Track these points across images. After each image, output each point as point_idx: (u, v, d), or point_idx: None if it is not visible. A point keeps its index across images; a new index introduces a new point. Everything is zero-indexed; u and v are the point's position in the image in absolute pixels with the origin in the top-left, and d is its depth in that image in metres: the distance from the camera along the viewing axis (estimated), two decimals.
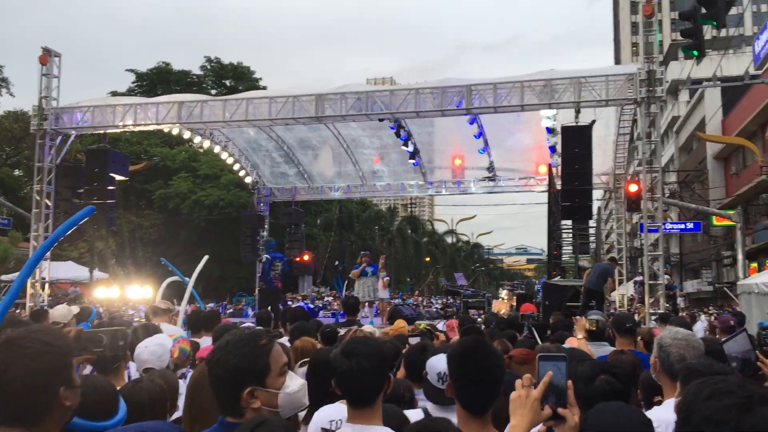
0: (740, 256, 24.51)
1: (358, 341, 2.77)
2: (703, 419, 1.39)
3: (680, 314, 17.69)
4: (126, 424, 2.51)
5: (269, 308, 14.06)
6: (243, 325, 6.72)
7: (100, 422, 2.40)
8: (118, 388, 2.95)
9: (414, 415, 2.82)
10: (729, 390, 1.41)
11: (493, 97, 15.02)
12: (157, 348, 3.94)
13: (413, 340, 5.07)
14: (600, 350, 5.58)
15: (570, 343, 5.76)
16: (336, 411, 3.19)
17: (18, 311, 18.55)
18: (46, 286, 17.95)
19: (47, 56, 17.59)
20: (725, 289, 32.85)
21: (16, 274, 28.27)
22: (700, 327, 14.94)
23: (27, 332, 2.00)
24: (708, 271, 41.50)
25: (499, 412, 2.51)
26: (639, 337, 6.25)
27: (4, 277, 29.60)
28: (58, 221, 17.61)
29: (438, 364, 3.05)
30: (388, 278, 16.84)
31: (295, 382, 2.24)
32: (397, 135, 18.61)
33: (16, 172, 46.94)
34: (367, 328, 5.85)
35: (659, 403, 3.39)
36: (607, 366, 2.88)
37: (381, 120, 17.07)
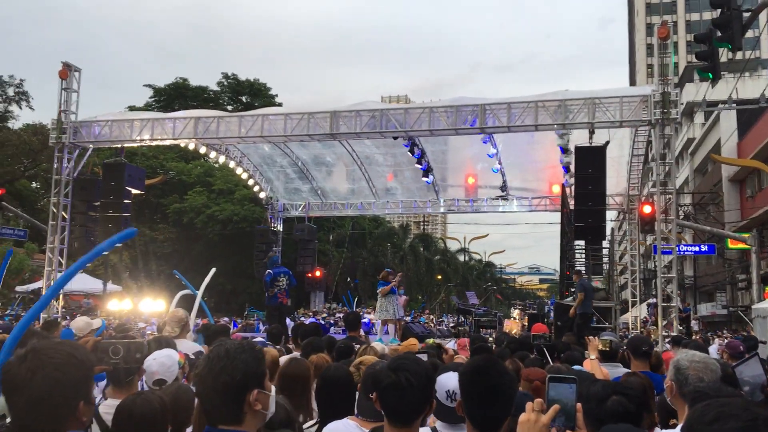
0: (755, 280, 24.27)
1: (407, 358, 2.77)
2: None
3: (693, 337, 17.51)
4: None
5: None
6: (255, 341, 6.75)
7: None
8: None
9: None
10: (733, 413, 1.41)
11: (507, 117, 15.05)
12: (166, 360, 3.95)
13: (422, 357, 5.07)
14: (614, 371, 5.55)
15: (585, 365, 5.73)
16: (344, 427, 3.20)
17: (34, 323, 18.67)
18: (60, 297, 18.08)
19: (67, 71, 17.84)
20: (740, 312, 32.53)
21: (32, 285, 28.59)
22: (714, 350, 14.79)
23: (53, 344, 2.04)
24: (722, 295, 41.08)
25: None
26: None
27: (19, 288, 29.85)
28: (74, 234, 17.78)
29: (447, 381, 3.05)
30: (406, 297, 16.52)
31: (270, 386, 2.32)
32: (411, 153, 18.68)
33: (34, 185, 47.45)
34: (377, 345, 5.86)
35: (675, 426, 3.35)
36: (620, 387, 2.88)
37: (395, 138, 17.14)
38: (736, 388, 3.71)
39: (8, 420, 1.95)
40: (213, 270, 13.14)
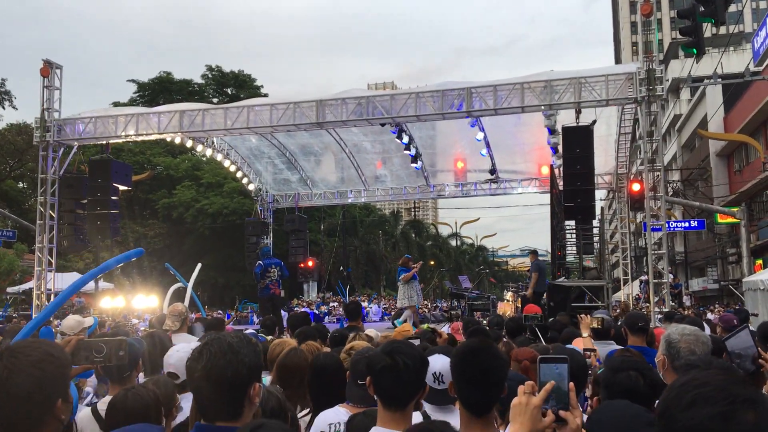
0: (745, 253, 24.45)
1: (400, 342, 2.75)
2: (685, 429, 1.34)
3: (684, 313, 17.61)
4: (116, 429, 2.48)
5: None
6: (247, 332, 6.74)
7: None
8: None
9: (413, 416, 2.82)
10: (710, 395, 1.35)
11: (493, 99, 15.04)
12: (185, 355, 3.92)
13: (414, 342, 5.06)
14: (606, 348, 5.58)
15: (575, 343, 5.76)
16: (335, 414, 3.18)
17: (23, 323, 18.61)
18: (52, 296, 17.98)
19: (49, 68, 17.67)
20: (731, 286, 32.79)
21: (23, 285, 28.40)
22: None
23: (29, 342, 2.02)
24: (713, 269, 41.39)
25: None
26: None
27: (10, 289, 29.69)
28: (62, 233, 17.68)
29: (433, 364, 3.04)
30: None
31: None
32: (399, 139, 18.62)
33: (20, 185, 47.10)
34: (370, 331, 5.85)
35: None
36: (641, 365, 2.85)
37: (382, 125, 17.09)
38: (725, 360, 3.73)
39: None
40: (199, 265, 13.22)
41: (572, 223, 20.76)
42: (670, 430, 1.39)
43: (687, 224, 33.93)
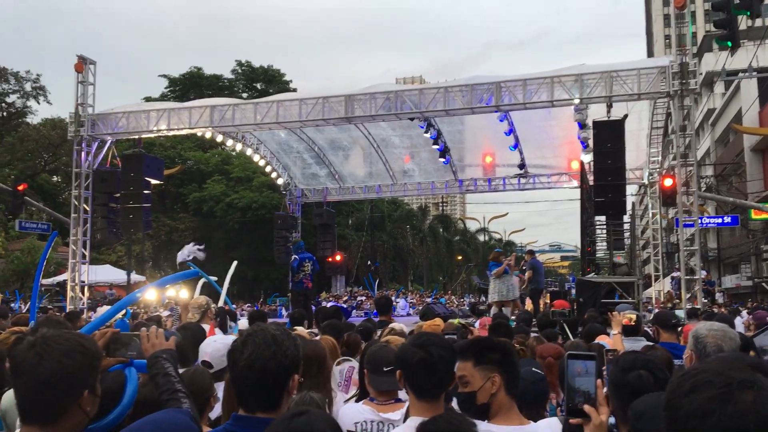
0: None
1: (430, 334, 2.78)
2: (688, 415, 1.40)
3: (716, 310, 17.35)
4: (136, 419, 2.47)
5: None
6: None
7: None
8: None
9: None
10: (708, 380, 1.41)
11: (522, 94, 14.95)
12: (222, 347, 3.96)
13: (449, 338, 5.07)
14: (635, 345, 5.53)
15: (602, 338, 5.72)
16: (359, 413, 3.19)
17: (59, 314, 18.97)
18: (85, 289, 18.33)
19: (83, 64, 17.96)
20: (764, 284, 32.21)
21: (57, 278, 28.88)
22: (739, 322, 14.65)
23: (63, 332, 2.07)
24: (747, 266, 40.66)
25: None
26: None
27: (44, 281, 30.29)
28: (96, 225, 17.99)
29: None
30: (521, 276, 16.57)
31: None
32: (427, 133, 18.61)
33: (55, 179, 48.00)
34: (396, 325, 5.88)
35: None
36: (651, 364, 2.84)
37: (411, 119, 17.08)
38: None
39: None
40: (235, 263, 13.41)
41: (603, 218, 20.57)
42: (674, 418, 1.43)
43: (720, 220, 33.35)
